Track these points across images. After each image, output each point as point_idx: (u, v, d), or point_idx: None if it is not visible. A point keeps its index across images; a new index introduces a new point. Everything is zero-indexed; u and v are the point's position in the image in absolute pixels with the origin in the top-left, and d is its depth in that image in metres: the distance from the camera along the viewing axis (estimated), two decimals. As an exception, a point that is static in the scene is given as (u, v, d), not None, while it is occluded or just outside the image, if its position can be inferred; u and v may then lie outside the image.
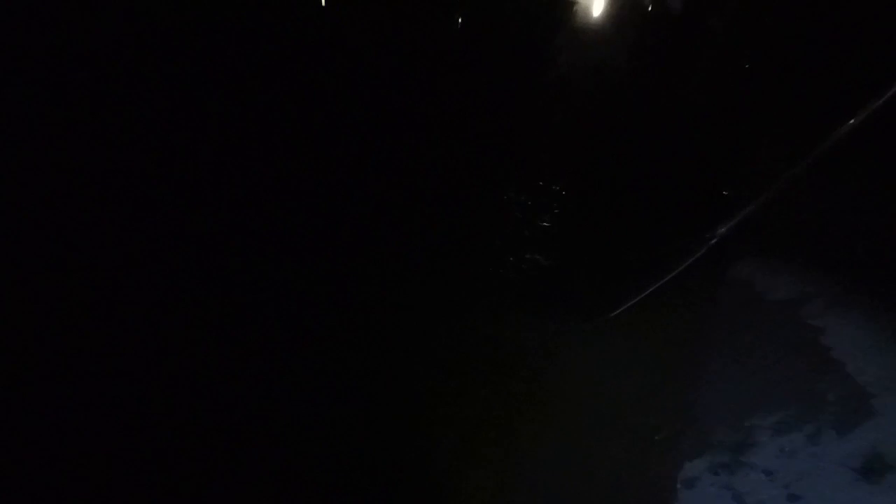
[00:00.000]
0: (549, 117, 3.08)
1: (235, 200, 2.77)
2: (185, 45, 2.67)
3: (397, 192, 2.86)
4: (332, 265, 2.79)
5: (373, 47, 2.92)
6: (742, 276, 2.62)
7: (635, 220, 2.81)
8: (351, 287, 2.79)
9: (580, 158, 3.11)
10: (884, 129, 2.10)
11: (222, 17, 2.73)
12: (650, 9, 2.83)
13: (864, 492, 2.09)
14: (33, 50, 2.42)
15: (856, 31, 2.12)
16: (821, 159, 2.22)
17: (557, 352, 2.68)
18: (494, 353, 2.75)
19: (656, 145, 2.81)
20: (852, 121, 2.14)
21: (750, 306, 2.57)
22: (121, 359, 2.48)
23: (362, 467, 2.64)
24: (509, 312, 2.79)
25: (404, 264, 2.85)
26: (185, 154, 2.70)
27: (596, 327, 2.66)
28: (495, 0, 3.05)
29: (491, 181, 2.98)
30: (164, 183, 2.64)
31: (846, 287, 2.37)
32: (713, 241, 2.51)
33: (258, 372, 2.65)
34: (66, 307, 2.43)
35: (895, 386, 2.18)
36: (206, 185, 2.72)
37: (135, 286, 2.56)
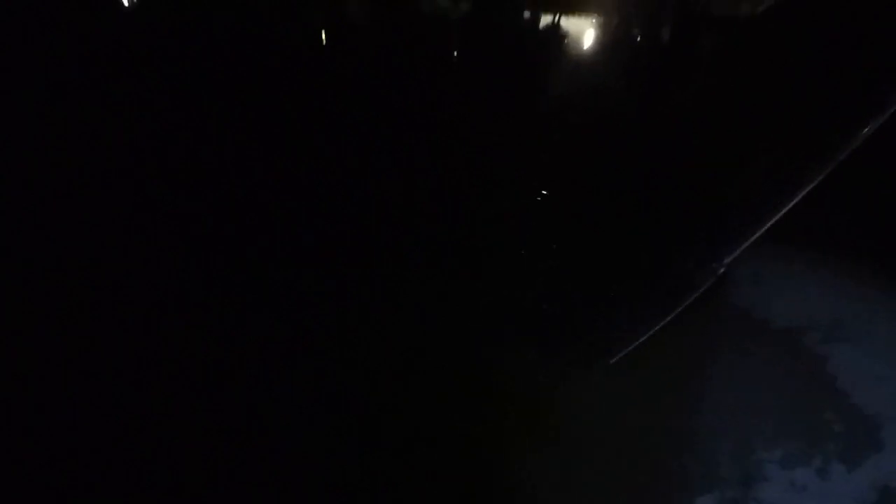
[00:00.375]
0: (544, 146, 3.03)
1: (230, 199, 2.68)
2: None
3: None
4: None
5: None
6: (742, 305, 2.58)
7: (642, 250, 2.75)
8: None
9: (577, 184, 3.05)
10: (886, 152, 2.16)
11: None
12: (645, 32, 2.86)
13: None
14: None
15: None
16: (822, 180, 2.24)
17: (557, 389, 2.54)
18: (494, 385, 2.58)
19: (660, 171, 2.79)
20: (853, 141, 2.17)
21: (751, 335, 2.52)
22: (119, 358, 2.43)
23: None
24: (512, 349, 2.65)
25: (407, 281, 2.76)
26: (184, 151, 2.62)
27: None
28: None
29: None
30: (164, 182, 2.57)
31: (849, 314, 2.36)
32: (721, 272, 2.46)
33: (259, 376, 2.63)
34: (65, 307, 2.41)
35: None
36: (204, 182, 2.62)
37: (134, 286, 2.54)
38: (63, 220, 2.47)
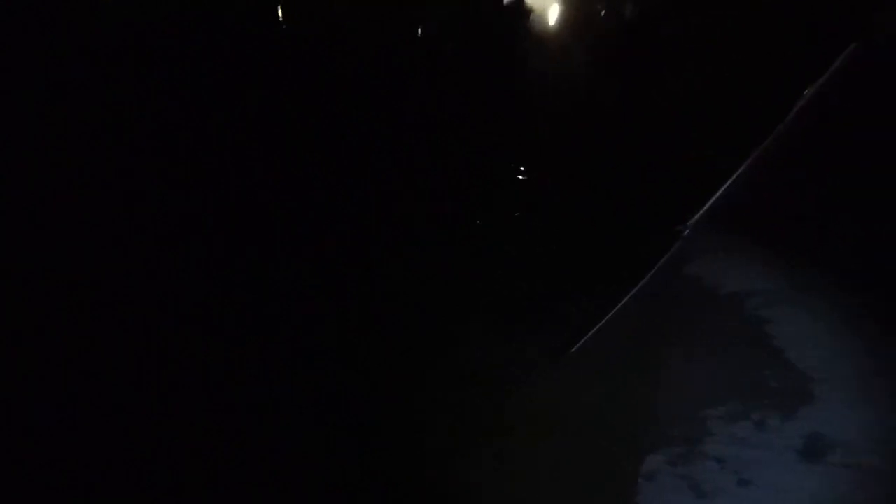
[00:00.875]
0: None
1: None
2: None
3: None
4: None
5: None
6: (693, 273, 2.74)
7: (608, 222, 2.87)
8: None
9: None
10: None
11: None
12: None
13: (806, 471, 2.22)
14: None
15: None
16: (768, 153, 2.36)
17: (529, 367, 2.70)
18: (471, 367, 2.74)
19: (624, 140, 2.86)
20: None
21: (701, 302, 2.70)
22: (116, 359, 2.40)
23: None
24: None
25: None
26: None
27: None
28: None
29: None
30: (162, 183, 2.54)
31: (788, 281, 2.53)
32: (685, 233, 2.61)
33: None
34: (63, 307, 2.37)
35: (832, 372, 2.34)
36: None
37: (132, 287, 2.50)
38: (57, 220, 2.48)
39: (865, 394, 2.28)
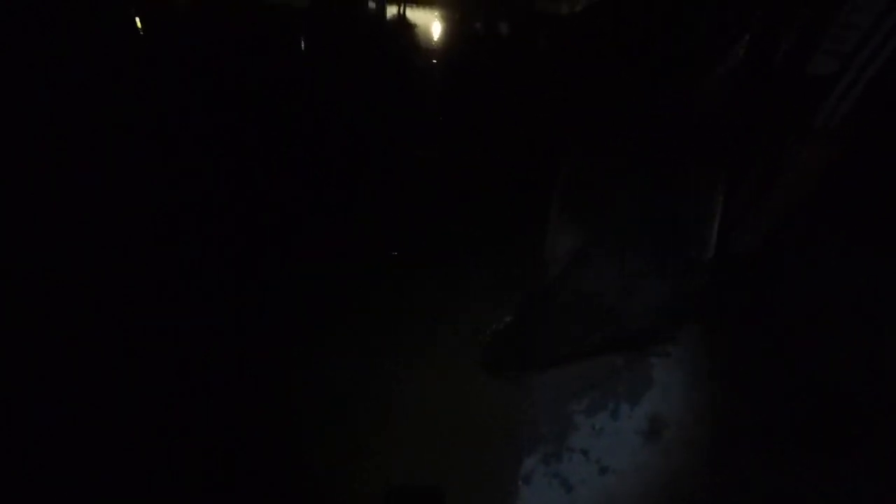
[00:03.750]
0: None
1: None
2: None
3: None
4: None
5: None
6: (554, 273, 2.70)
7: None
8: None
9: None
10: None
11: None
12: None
13: (651, 450, 2.48)
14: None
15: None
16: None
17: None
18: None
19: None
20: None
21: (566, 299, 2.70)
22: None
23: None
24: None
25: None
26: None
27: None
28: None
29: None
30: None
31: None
32: None
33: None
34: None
35: (669, 356, 2.64)
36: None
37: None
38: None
39: (694, 375, 2.60)
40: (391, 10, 3.06)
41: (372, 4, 2.97)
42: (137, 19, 2.78)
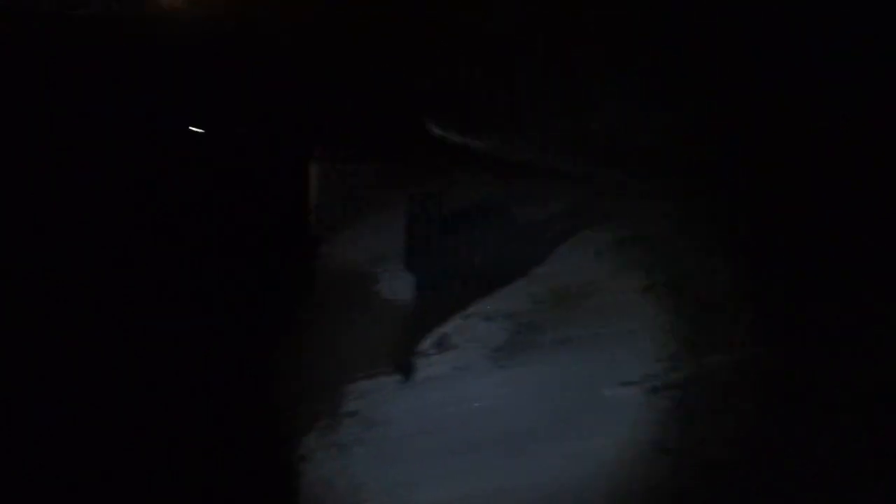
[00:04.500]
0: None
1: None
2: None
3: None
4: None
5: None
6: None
7: None
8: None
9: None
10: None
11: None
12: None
13: (414, 396, 2.78)
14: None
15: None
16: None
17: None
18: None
19: None
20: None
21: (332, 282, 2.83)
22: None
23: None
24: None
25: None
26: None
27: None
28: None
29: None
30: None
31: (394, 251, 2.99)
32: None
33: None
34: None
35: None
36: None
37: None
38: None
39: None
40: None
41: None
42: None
